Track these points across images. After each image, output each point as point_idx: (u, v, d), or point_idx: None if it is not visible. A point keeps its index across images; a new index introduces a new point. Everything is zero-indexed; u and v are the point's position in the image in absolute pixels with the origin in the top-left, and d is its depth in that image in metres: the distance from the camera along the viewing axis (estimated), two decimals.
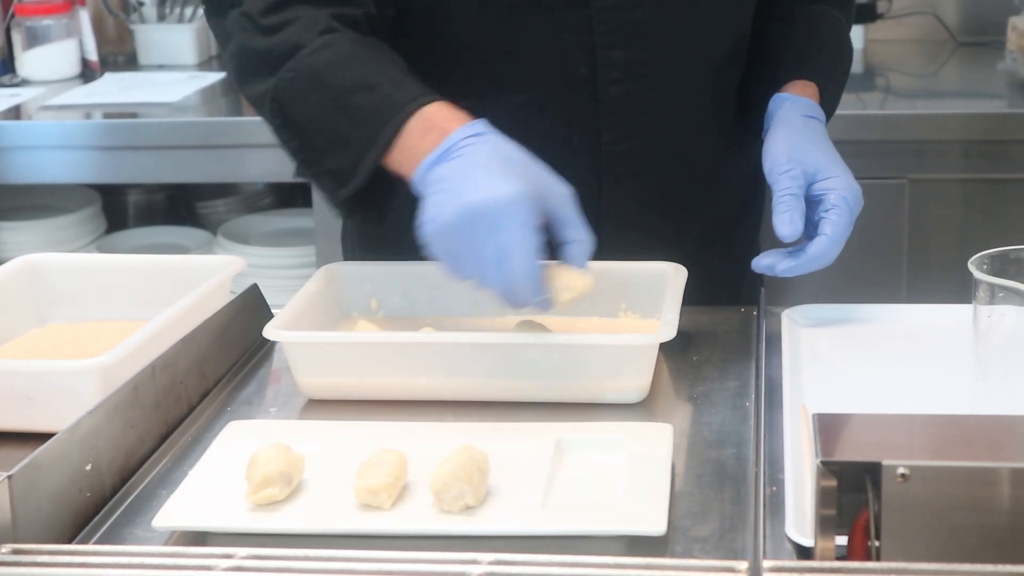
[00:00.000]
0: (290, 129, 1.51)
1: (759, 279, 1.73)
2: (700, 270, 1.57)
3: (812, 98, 1.64)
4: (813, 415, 1.06)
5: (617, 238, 1.63)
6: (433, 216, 1.35)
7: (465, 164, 1.37)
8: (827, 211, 1.50)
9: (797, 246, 1.50)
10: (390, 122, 1.43)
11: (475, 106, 1.58)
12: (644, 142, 1.65)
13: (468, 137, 1.39)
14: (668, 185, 1.68)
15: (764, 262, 1.50)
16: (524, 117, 1.60)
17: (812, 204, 1.52)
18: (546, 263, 1.35)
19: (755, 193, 1.80)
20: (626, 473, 1.21)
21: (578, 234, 1.37)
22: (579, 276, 1.37)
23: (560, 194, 1.37)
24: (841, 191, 1.51)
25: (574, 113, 1.63)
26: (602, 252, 1.61)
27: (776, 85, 1.65)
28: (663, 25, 1.61)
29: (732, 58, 1.70)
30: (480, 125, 1.41)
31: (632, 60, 1.61)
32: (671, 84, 1.64)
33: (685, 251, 1.59)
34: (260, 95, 1.52)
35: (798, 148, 1.55)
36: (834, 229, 1.49)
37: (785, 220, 1.48)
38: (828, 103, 1.67)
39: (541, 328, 1.47)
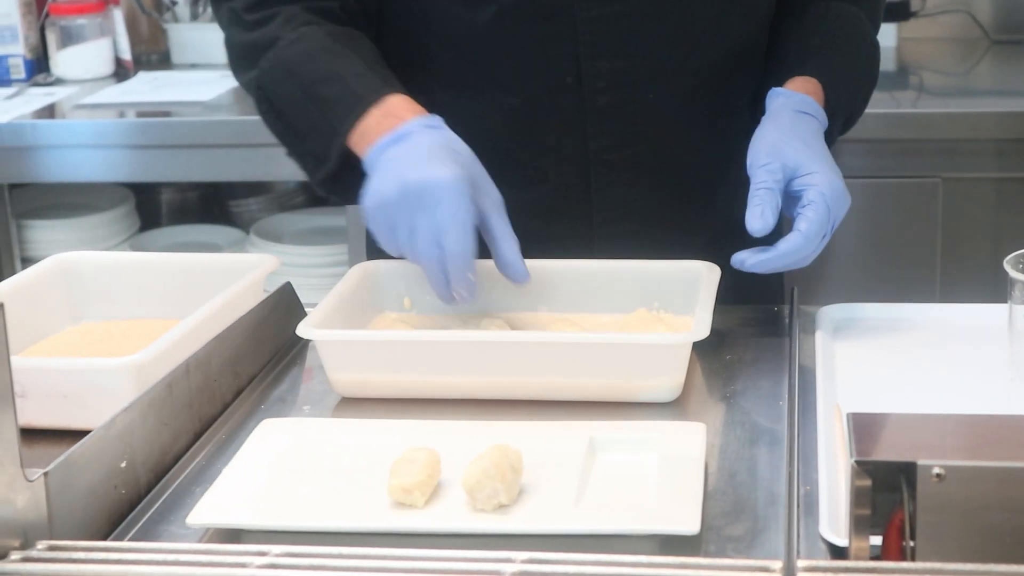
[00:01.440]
0: (273, 115, 1.61)
1: (780, 279, 1.73)
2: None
3: (812, 95, 1.61)
4: (847, 414, 1.06)
5: (610, 244, 1.63)
6: (375, 190, 1.44)
7: (413, 147, 1.45)
8: (804, 207, 1.48)
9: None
10: (351, 112, 1.51)
11: (467, 106, 1.59)
12: (633, 151, 1.64)
13: (422, 127, 1.47)
14: (663, 192, 1.67)
15: (738, 256, 1.49)
16: (514, 121, 1.62)
17: (792, 200, 1.50)
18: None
19: None
20: (659, 472, 1.21)
21: (504, 233, 1.44)
22: (507, 490, 1.17)
23: (494, 197, 1.45)
24: (820, 187, 1.48)
25: (562, 121, 1.63)
26: (592, 253, 1.61)
27: (778, 81, 1.63)
28: (649, 37, 1.59)
29: (734, 68, 1.67)
30: (435, 119, 1.49)
31: (617, 70, 1.60)
32: (659, 94, 1.62)
33: (692, 255, 1.57)
34: (247, 83, 1.63)
35: (780, 142, 1.52)
36: (808, 226, 1.46)
37: (756, 214, 1.46)
38: (837, 101, 1.64)
39: (574, 327, 1.47)
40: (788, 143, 1.52)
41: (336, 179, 1.56)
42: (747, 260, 1.48)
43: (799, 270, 1.50)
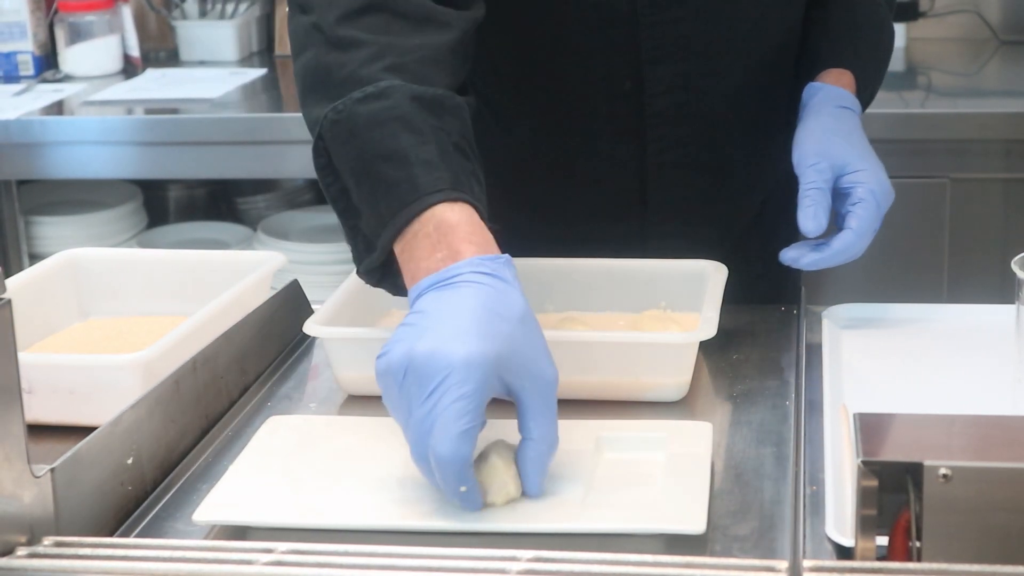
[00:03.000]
0: (331, 173, 1.34)
1: (798, 277, 1.72)
2: (741, 267, 1.56)
3: (847, 87, 1.62)
4: (854, 415, 1.06)
5: (661, 242, 1.63)
6: (387, 350, 1.18)
7: (450, 303, 1.19)
8: (854, 205, 1.49)
9: (824, 240, 1.49)
10: (405, 207, 1.25)
11: (519, 122, 1.58)
12: (689, 150, 1.64)
13: (474, 272, 1.20)
14: (712, 189, 1.68)
15: (789, 254, 1.50)
16: (571, 127, 1.61)
17: (840, 197, 1.51)
18: (494, 452, 1.19)
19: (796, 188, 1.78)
20: (666, 471, 1.20)
21: (541, 431, 1.18)
22: (515, 480, 1.17)
23: (539, 376, 1.18)
24: (869, 184, 1.49)
25: (618, 127, 1.63)
26: (646, 253, 1.61)
27: (812, 74, 1.64)
28: (707, 37, 1.60)
29: (778, 61, 1.69)
30: (495, 262, 1.22)
31: (677, 73, 1.60)
32: (715, 93, 1.63)
33: (725, 249, 1.58)
34: (311, 123, 1.36)
35: (826, 140, 1.53)
36: (859, 223, 1.47)
37: (809, 215, 1.47)
38: (865, 91, 1.66)
39: (582, 325, 1.47)
40: (834, 141, 1.53)
41: (383, 272, 1.32)
42: (801, 258, 1.49)
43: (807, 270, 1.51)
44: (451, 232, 1.23)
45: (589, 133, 1.63)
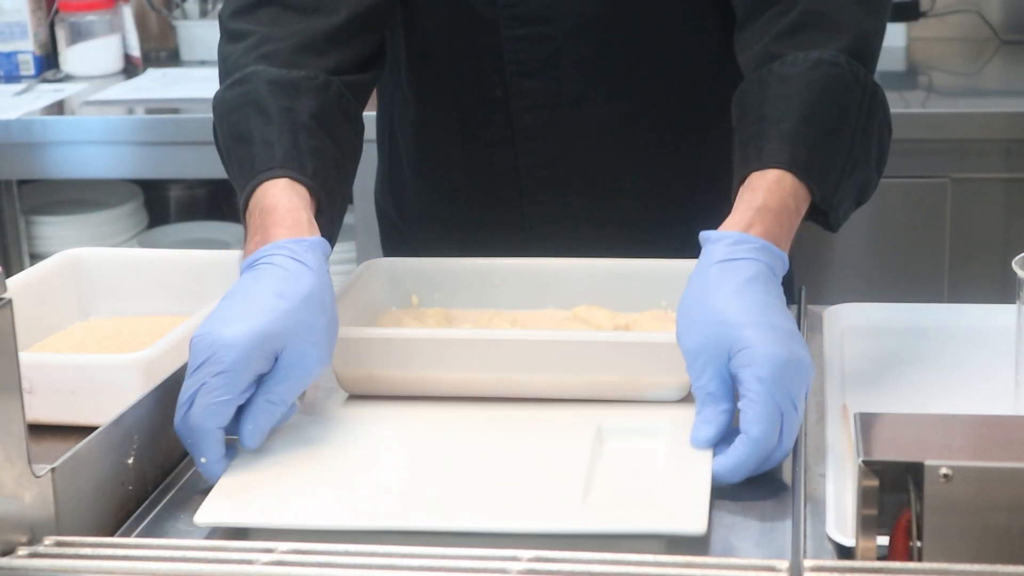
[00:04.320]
0: (221, 145, 1.51)
1: (798, 277, 1.72)
2: None
3: (759, 211, 1.30)
4: (855, 414, 1.06)
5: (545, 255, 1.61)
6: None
7: (243, 286, 1.27)
8: (744, 402, 1.19)
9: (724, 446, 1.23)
10: (247, 185, 1.38)
11: (421, 110, 1.65)
12: (562, 170, 1.64)
13: (273, 255, 1.28)
14: (596, 212, 1.67)
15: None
16: (452, 129, 1.62)
17: (735, 382, 1.22)
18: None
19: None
20: (667, 465, 1.21)
21: (277, 395, 1.23)
22: None
23: (301, 354, 1.23)
24: (755, 369, 1.18)
25: (494, 135, 1.64)
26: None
27: (736, 180, 1.37)
28: (576, 62, 1.59)
29: (669, 97, 1.62)
30: (298, 245, 1.29)
31: (543, 90, 1.60)
32: (589, 118, 1.61)
33: None
34: (216, 97, 1.51)
35: (705, 318, 1.23)
36: (756, 429, 1.18)
37: (700, 434, 1.23)
38: (825, 182, 1.35)
39: (583, 324, 1.47)
40: (713, 315, 1.23)
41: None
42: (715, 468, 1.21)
43: (806, 270, 1.50)
44: (268, 215, 1.33)
45: (468, 135, 1.64)
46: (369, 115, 1.61)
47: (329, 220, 1.40)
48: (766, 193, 1.31)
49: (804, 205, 1.34)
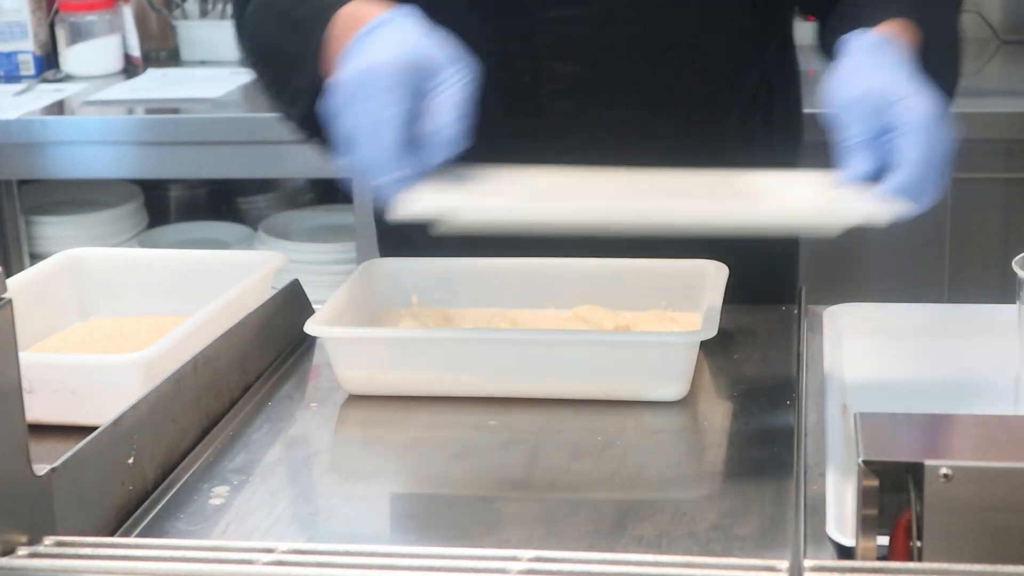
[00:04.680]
0: (261, 63, 1.52)
1: (798, 277, 1.72)
2: (741, 267, 1.56)
3: (892, 33, 1.36)
4: (855, 415, 1.06)
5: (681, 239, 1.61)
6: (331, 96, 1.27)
7: (362, 48, 1.28)
8: (903, 138, 1.23)
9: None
10: (318, 24, 1.36)
11: None
12: (587, 160, 1.63)
13: (378, 27, 1.29)
14: None
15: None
16: (475, 118, 1.61)
17: (885, 137, 1.25)
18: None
19: None
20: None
21: (444, 109, 1.26)
22: None
23: (458, 75, 1.27)
24: (916, 112, 1.23)
25: (519, 123, 1.62)
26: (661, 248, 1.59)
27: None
28: (612, 45, 1.58)
29: (703, 82, 1.63)
30: (394, 12, 1.31)
31: (574, 75, 1.59)
32: (624, 107, 1.60)
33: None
34: (239, 37, 1.55)
35: (860, 76, 1.28)
36: (917, 152, 1.22)
37: (849, 169, 1.25)
38: (937, 44, 1.40)
39: (584, 324, 1.47)
40: (868, 74, 1.27)
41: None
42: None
43: (806, 270, 1.50)
44: (352, 16, 1.33)
45: (491, 124, 1.63)
46: None
47: None
48: (897, 25, 1.37)
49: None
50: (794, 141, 1.77)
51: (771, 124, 1.73)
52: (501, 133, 1.63)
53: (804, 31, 1.70)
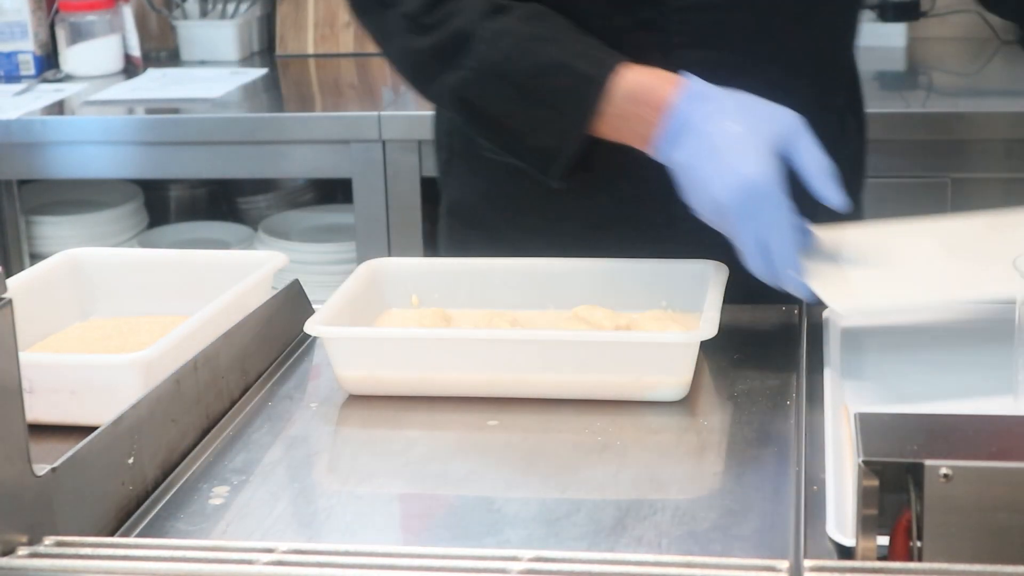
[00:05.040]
0: (481, 121, 1.56)
1: None
2: (742, 267, 1.56)
3: None
4: (855, 414, 1.06)
5: (688, 237, 1.61)
6: (696, 202, 1.43)
7: (705, 143, 1.42)
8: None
9: None
10: (589, 98, 1.48)
11: None
12: None
13: (692, 108, 1.45)
14: None
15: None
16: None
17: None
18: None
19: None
20: None
21: (816, 161, 1.40)
22: None
23: (790, 126, 1.41)
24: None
25: None
26: (669, 247, 1.60)
27: None
28: (741, 27, 1.60)
29: (823, 62, 1.67)
30: (690, 85, 1.46)
31: (707, 60, 1.59)
32: (752, 87, 1.62)
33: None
34: (439, 93, 1.58)
35: None
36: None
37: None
38: None
39: (584, 324, 1.47)
40: None
41: (573, 168, 1.54)
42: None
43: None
44: (637, 90, 1.48)
45: None
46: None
47: None
48: None
49: None
50: (862, 134, 1.83)
51: (856, 112, 1.80)
52: None
53: (895, 33, 1.76)
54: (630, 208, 1.66)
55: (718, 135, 1.42)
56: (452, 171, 1.82)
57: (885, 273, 1.43)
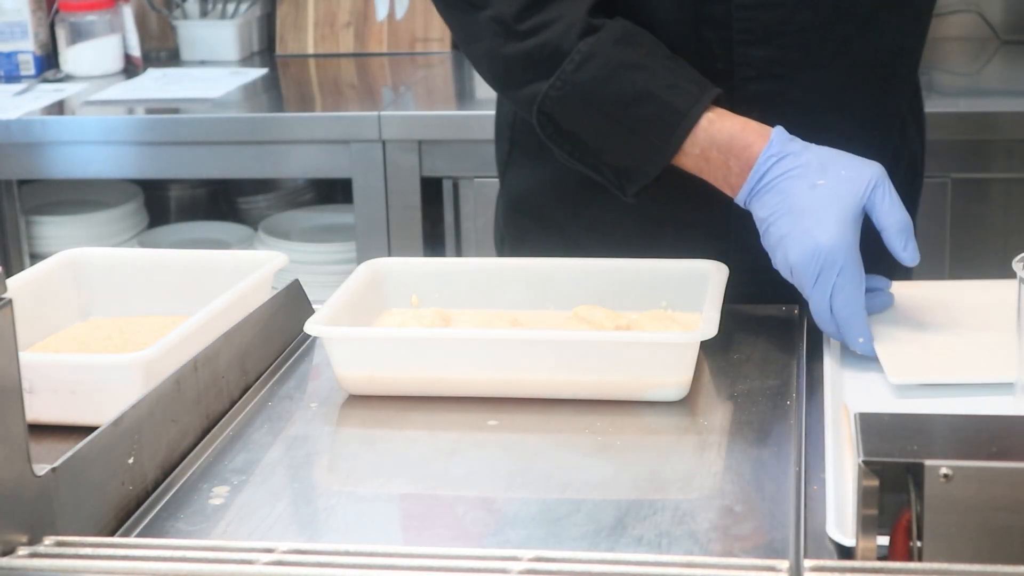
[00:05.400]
0: (562, 137, 1.57)
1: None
2: (742, 267, 1.56)
3: None
4: (855, 414, 1.06)
5: (742, 237, 1.61)
6: (773, 257, 1.47)
7: (784, 202, 1.45)
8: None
9: None
10: (677, 132, 1.51)
11: None
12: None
13: (775, 166, 1.47)
14: None
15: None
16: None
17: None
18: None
19: None
20: None
21: (893, 218, 1.43)
22: None
23: (870, 183, 1.43)
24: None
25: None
26: (732, 250, 1.60)
27: None
28: (805, 27, 1.60)
29: (887, 66, 1.67)
30: (775, 142, 1.48)
31: (770, 59, 1.59)
32: (814, 87, 1.62)
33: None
34: (525, 102, 1.58)
35: None
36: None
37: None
38: None
39: (584, 324, 1.47)
40: None
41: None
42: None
43: None
44: (724, 139, 1.51)
45: None
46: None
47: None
48: None
49: None
50: (922, 136, 1.84)
51: (915, 115, 1.81)
52: None
53: None
54: (689, 207, 1.66)
55: (797, 196, 1.45)
56: (513, 162, 1.81)
57: (947, 342, 1.45)
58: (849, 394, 1.36)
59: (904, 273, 1.59)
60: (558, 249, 1.67)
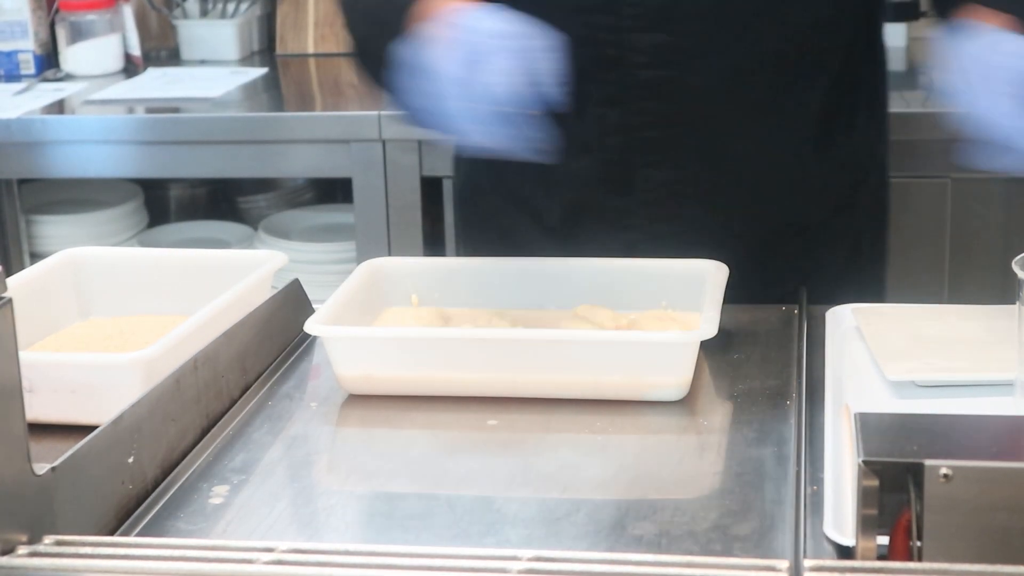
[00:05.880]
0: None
1: (799, 278, 1.72)
2: (742, 267, 1.56)
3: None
4: (855, 414, 1.06)
5: (652, 228, 1.62)
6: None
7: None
8: None
9: None
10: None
11: None
12: (678, 131, 1.62)
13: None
14: (709, 179, 1.66)
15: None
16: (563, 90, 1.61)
17: None
18: None
19: (830, 206, 1.74)
20: None
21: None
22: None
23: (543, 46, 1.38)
24: None
25: (606, 94, 1.62)
26: (637, 242, 1.60)
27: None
28: (693, 15, 1.58)
29: (788, 60, 1.64)
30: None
31: (660, 45, 1.58)
32: (703, 77, 1.61)
33: (728, 249, 1.57)
34: (350, 39, 1.62)
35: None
36: None
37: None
38: None
39: (584, 323, 1.47)
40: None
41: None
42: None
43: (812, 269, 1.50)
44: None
45: (581, 93, 1.62)
46: None
47: None
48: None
49: None
50: (879, 134, 1.80)
51: (854, 111, 1.74)
52: (589, 105, 1.62)
53: (895, 33, 1.72)
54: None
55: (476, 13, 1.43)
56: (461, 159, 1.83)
57: (940, 349, 1.44)
58: (849, 394, 1.36)
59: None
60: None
